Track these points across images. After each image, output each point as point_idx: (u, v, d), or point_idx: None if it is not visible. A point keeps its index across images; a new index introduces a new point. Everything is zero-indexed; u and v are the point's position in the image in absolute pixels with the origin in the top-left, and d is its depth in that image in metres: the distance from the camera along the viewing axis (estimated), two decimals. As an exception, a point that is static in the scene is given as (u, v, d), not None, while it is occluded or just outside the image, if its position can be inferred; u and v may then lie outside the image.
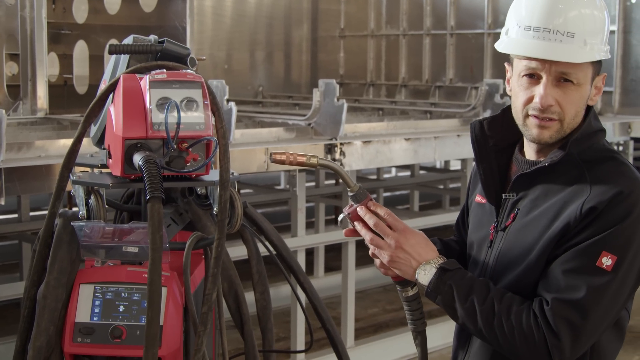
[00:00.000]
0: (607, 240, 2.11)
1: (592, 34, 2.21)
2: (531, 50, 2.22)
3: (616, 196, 2.12)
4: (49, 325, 2.34)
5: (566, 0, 2.23)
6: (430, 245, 2.34)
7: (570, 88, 2.22)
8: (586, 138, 2.25)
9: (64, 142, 4.59)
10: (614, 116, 8.35)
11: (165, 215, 2.56)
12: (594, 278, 2.11)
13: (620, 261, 2.11)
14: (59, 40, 6.71)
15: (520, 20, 2.28)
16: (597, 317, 2.13)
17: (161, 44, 2.47)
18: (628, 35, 8.36)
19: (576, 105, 2.23)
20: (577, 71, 2.20)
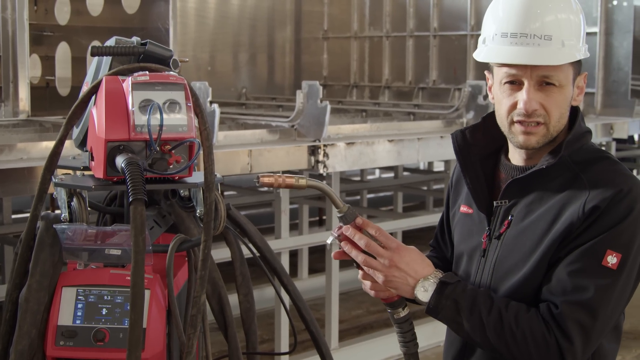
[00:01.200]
0: (611, 238, 2.11)
1: (569, 35, 2.23)
2: (510, 57, 2.21)
3: (617, 194, 2.12)
4: (31, 328, 2.33)
5: (541, 5, 2.23)
6: (425, 260, 2.31)
7: (553, 91, 2.22)
8: (577, 140, 2.25)
9: (46, 145, 4.57)
10: (596, 117, 8.39)
11: (148, 217, 2.55)
12: (601, 277, 2.11)
13: (625, 259, 2.11)
14: (41, 42, 6.68)
15: (497, 28, 2.27)
16: (606, 316, 2.13)
17: (144, 46, 2.46)
18: (610, 37, 8.40)
19: (560, 107, 2.24)
20: (558, 73, 2.21)
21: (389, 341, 6.34)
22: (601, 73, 8.45)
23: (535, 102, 2.21)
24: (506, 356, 2.20)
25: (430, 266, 2.30)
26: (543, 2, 2.24)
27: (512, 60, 2.20)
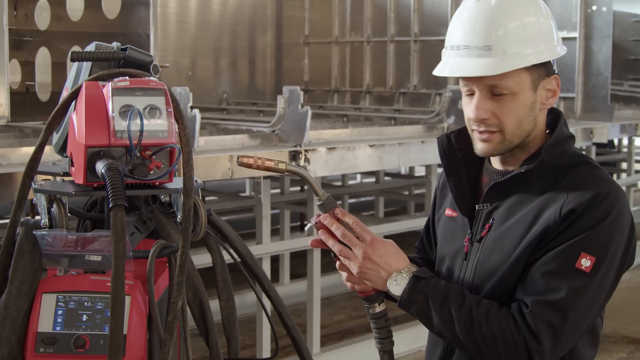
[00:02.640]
0: (586, 241, 2.11)
1: (513, 43, 2.19)
2: (450, 69, 2.25)
3: (594, 198, 2.13)
4: (11, 335, 2.31)
5: (486, 15, 2.23)
6: (400, 254, 2.31)
7: (506, 99, 2.21)
8: (558, 144, 2.26)
9: (26, 150, 4.55)
10: (576, 122, 8.44)
11: (129, 223, 2.54)
12: (574, 279, 2.11)
13: (599, 262, 2.11)
14: (21, 47, 6.65)
15: (447, 41, 2.33)
16: (577, 318, 2.13)
17: (124, 51, 2.46)
18: (589, 42, 8.45)
19: (516, 114, 2.22)
20: (506, 82, 2.19)
21: (370, 346, 6.33)
22: (581, 78, 8.50)
23: (484, 111, 2.22)
24: (475, 354, 2.21)
25: (405, 260, 2.30)
26: (487, 12, 2.23)
27: (451, 73, 2.24)
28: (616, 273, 2.19)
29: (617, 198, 2.16)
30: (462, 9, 2.29)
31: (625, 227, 2.17)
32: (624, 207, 2.17)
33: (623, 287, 8.80)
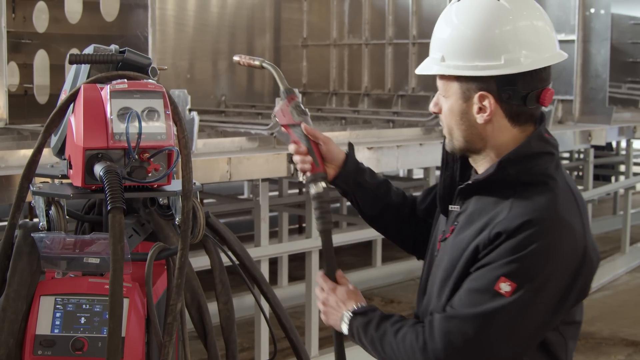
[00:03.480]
0: (507, 267, 2.09)
1: (453, 52, 2.24)
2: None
3: (524, 224, 2.11)
4: (9, 338, 2.31)
5: (443, 20, 2.33)
6: (352, 296, 2.44)
7: (445, 101, 2.29)
8: (522, 159, 2.21)
9: (24, 153, 4.55)
10: (574, 124, 8.44)
11: (127, 225, 2.54)
12: (491, 300, 2.10)
13: (520, 289, 2.08)
14: (19, 50, 6.65)
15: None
16: (486, 340, 2.11)
17: (122, 54, 2.46)
18: (587, 45, 8.46)
19: (448, 118, 2.29)
20: (442, 84, 2.28)
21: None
22: (579, 80, 8.50)
23: (433, 104, 2.33)
24: None
25: (355, 300, 2.43)
26: (444, 17, 2.33)
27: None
28: (557, 304, 2.15)
29: (550, 229, 2.12)
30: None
31: (561, 259, 2.13)
32: (561, 239, 2.13)
33: (621, 290, 8.81)
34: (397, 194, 2.66)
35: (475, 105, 2.23)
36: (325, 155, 2.56)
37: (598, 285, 8.88)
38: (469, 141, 2.28)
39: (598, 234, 11.23)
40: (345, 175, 2.57)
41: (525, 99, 2.21)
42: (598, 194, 9.57)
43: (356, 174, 2.59)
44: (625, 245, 9.91)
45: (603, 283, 9.00)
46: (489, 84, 2.20)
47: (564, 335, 2.25)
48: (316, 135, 2.56)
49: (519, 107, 2.22)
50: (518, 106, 2.22)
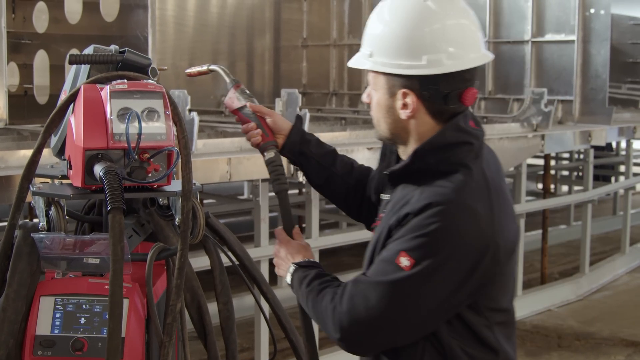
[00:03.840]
0: (407, 243, 2.20)
1: (381, 49, 2.33)
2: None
3: (425, 206, 2.20)
4: (9, 338, 2.31)
5: (375, 17, 2.39)
6: (302, 251, 2.55)
7: (374, 93, 2.39)
8: (438, 149, 2.29)
9: (24, 153, 4.55)
10: (574, 125, 8.44)
11: (127, 226, 2.54)
12: (393, 273, 2.21)
13: (417, 265, 2.18)
14: (19, 50, 6.65)
15: None
16: (391, 308, 2.21)
17: (122, 54, 2.46)
18: (587, 45, 8.46)
19: (375, 110, 2.40)
20: (372, 78, 2.37)
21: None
22: (579, 81, 8.50)
23: (366, 95, 2.43)
24: (318, 324, 2.40)
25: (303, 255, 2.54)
26: (375, 13, 2.40)
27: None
28: (457, 285, 2.21)
29: (452, 212, 2.20)
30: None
31: (461, 241, 2.20)
32: (462, 222, 2.20)
33: (621, 291, 8.81)
34: (344, 164, 2.78)
35: (399, 101, 2.32)
36: (272, 127, 2.71)
37: (598, 285, 8.88)
38: (394, 133, 2.38)
39: (598, 234, 11.24)
40: (291, 145, 2.71)
41: (447, 99, 2.30)
42: (598, 195, 9.57)
43: (301, 144, 2.73)
44: (625, 246, 9.91)
45: (603, 283, 9.00)
46: (412, 82, 2.29)
47: (489, 319, 2.31)
48: (261, 110, 2.71)
49: (440, 105, 2.31)
50: (440, 105, 2.31)
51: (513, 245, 2.34)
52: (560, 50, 8.60)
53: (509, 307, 2.39)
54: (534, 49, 8.74)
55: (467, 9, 2.36)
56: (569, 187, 12.58)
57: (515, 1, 8.86)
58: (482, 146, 2.37)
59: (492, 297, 2.31)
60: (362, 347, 2.33)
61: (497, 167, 2.43)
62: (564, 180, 12.89)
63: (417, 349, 2.28)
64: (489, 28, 8.97)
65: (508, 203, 2.37)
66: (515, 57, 8.88)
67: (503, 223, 2.28)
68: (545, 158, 8.78)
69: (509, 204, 2.37)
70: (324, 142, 2.78)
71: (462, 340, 2.28)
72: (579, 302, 8.36)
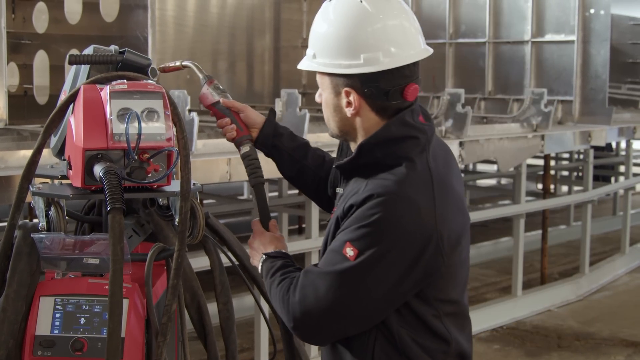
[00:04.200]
0: (351, 234, 2.26)
1: (322, 50, 2.40)
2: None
3: (366, 198, 2.27)
4: (9, 338, 2.31)
5: (318, 19, 2.44)
6: (274, 242, 2.58)
7: (322, 93, 2.47)
8: (384, 143, 2.35)
9: (24, 153, 4.55)
10: (574, 125, 8.44)
11: (127, 226, 2.54)
12: (339, 262, 2.27)
13: (361, 254, 2.24)
14: (19, 50, 6.65)
15: None
16: (338, 296, 2.27)
17: (122, 54, 2.46)
18: (587, 45, 8.46)
19: (324, 109, 2.48)
20: (319, 78, 2.45)
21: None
22: (579, 81, 8.50)
23: (318, 95, 2.50)
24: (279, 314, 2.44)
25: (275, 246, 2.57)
26: (323, 14, 2.44)
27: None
28: (402, 275, 2.27)
29: (392, 203, 2.26)
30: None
31: (402, 232, 2.25)
32: (402, 214, 2.26)
33: (620, 291, 8.81)
34: (316, 157, 2.82)
35: (344, 99, 2.39)
36: (246, 121, 2.75)
37: (598, 285, 8.88)
38: (343, 131, 2.45)
39: (598, 234, 11.24)
40: (263, 138, 2.75)
41: (388, 95, 2.35)
42: (598, 195, 9.57)
43: (274, 137, 2.77)
44: (625, 246, 9.91)
45: (603, 284, 9.00)
46: (353, 81, 2.36)
47: (438, 310, 2.37)
48: (234, 105, 2.75)
49: (383, 102, 2.36)
50: (382, 101, 2.36)
51: (459, 237, 2.39)
52: (560, 51, 8.60)
53: (459, 299, 2.45)
54: (534, 49, 8.75)
55: (403, 8, 2.44)
56: (568, 187, 12.58)
57: (515, 1, 8.86)
58: (430, 140, 2.41)
59: (440, 288, 2.36)
60: (315, 336, 2.41)
61: (446, 161, 2.47)
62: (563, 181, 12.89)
63: (369, 339, 2.34)
64: (489, 28, 8.97)
65: (455, 196, 2.41)
66: (515, 58, 8.89)
67: (447, 215, 2.33)
68: (545, 158, 8.78)
69: (456, 197, 2.42)
70: (297, 135, 2.83)
71: (412, 329, 2.34)
72: (578, 302, 8.36)
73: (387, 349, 2.34)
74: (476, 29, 9.12)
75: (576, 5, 8.43)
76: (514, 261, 7.88)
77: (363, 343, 2.35)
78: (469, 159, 7.01)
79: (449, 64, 9.21)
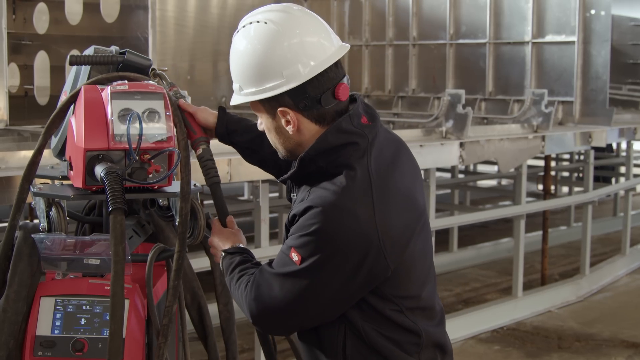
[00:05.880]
0: (295, 241, 2.31)
1: (245, 80, 2.43)
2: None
3: (307, 208, 2.31)
4: (9, 339, 2.31)
5: (231, 52, 2.51)
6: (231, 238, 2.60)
7: (261, 120, 2.48)
8: (323, 153, 2.36)
9: (25, 154, 4.54)
10: (574, 126, 8.43)
11: (127, 227, 2.54)
12: (287, 265, 2.32)
13: (305, 261, 2.29)
14: (20, 51, 6.65)
15: None
16: (290, 295, 2.32)
17: (123, 55, 2.46)
18: (588, 46, 8.46)
19: (268, 135, 2.48)
20: (253, 107, 2.45)
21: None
22: (579, 82, 8.50)
23: (259, 123, 2.51)
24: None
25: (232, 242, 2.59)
26: (233, 47, 2.51)
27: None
28: (346, 280, 2.31)
29: (329, 214, 2.29)
30: None
31: (341, 240, 2.28)
32: (340, 223, 2.29)
33: (621, 292, 8.80)
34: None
35: (282, 119, 2.40)
36: (200, 123, 2.73)
37: (598, 286, 8.87)
38: (290, 150, 2.46)
39: (598, 235, 11.23)
40: (220, 137, 2.79)
41: (321, 101, 2.36)
42: (598, 196, 9.56)
43: (229, 135, 2.80)
44: (625, 247, 9.90)
45: (603, 285, 8.99)
46: (283, 100, 2.37)
47: (399, 305, 2.39)
48: (187, 109, 2.70)
49: (319, 110, 2.37)
50: (318, 109, 2.37)
51: (408, 236, 2.40)
52: (561, 52, 8.60)
53: (419, 294, 2.46)
54: (535, 50, 8.74)
55: (307, 15, 2.47)
56: (569, 188, 12.58)
57: (515, 2, 8.86)
58: (373, 142, 2.42)
59: (395, 285, 2.38)
60: (274, 329, 2.50)
61: (394, 158, 2.48)
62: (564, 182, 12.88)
63: (338, 335, 2.39)
64: (489, 29, 8.97)
65: (399, 196, 2.42)
66: (516, 58, 8.88)
67: (388, 220, 2.34)
68: (545, 159, 8.77)
69: (401, 196, 2.42)
70: (253, 124, 2.81)
71: (377, 324, 2.38)
72: (579, 303, 8.35)
73: (356, 344, 2.39)
74: (477, 30, 9.11)
75: (577, 6, 8.43)
76: (515, 262, 7.88)
77: (333, 341, 2.40)
78: (470, 159, 7.00)
79: (450, 65, 9.21)
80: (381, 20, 9.80)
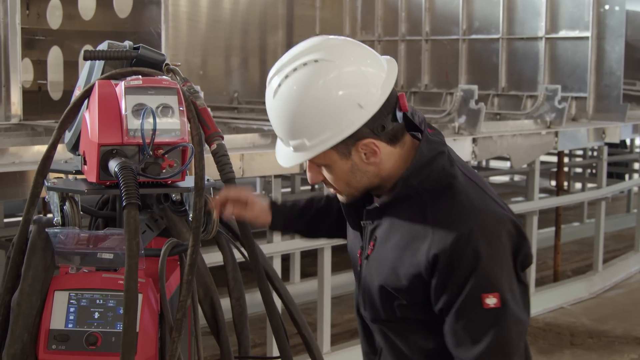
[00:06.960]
0: (478, 284, 2.14)
1: (313, 133, 2.20)
2: (278, 157, 2.35)
3: (458, 241, 2.14)
4: (24, 332, 2.33)
5: (275, 111, 2.24)
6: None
7: (326, 169, 2.28)
8: (421, 169, 2.25)
9: (39, 149, 4.56)
10: (588, 122, 8.40)
11: (141, 221, 2.55)
12: (491, 322, 2.14)
13: (502, 295, 2.14)
14: (33, 46, 6.68)
15: None
16: (514, 351, 2.16)
17: (136, 50, 2.47)
18: (602, 42, 8.42)
19: (340, 179, 2.28)
20: (316, 159, 2.25)
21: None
22: (593, 77, 8.47)
23: (311, 177, 2.32)
24: None
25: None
26: (275, 108, 2.24)
27: (280, 162, 2.34)
28: (522, 289, 2.21)
29: (481, 233, 2.16)
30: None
31: (505, 252, 2.18)
32: (494, 232, 2.18)
33: (634, 289, 8.77)
34: (320, 215, 2.70)
35: (360, 154, 2.23)
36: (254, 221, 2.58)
37: (611, 283, 8.85)
38: (369, 185, 2.30)
39: (611, 231, 11.20)
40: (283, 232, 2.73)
41: (395, 117, 2.23)
42: (612, 192, 9.52)
43: (286, 228, 2.74)
44: (638, 244, 9.87)
45: (616, 281, 8.96)
46: (361, 132, 2.20)
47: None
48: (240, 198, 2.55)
49: (393, 128, 2.24)
50: (393, 128, 2.23)
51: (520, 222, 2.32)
52: (574, 47, 8.57)
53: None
54: (548, 46, 8.71)
55: (341, 39, 2.34)
56: (582, 184, 12.54)
57: (529, -3, 8.85)
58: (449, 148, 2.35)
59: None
60: None
61: (458, 157, 2.39)
62: (577, 178, 12.84)
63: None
64: (503, 24, 8.95)
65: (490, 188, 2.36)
66: (529, 54, 8.86)
67: (504, 203, 2.29)
68: (558, 155, 8.75)
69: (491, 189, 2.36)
70: (296, 205, 2.71)
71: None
72: (592, 299, 8.33)
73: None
74: (490, 25, 9.09)
75: (590, 1, 8.39)
76: (527, 258, 7.86)
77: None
78: (482, 155, 6.99)
79: (463, 60, 9.19)
80: (394, 16, 9.79)
